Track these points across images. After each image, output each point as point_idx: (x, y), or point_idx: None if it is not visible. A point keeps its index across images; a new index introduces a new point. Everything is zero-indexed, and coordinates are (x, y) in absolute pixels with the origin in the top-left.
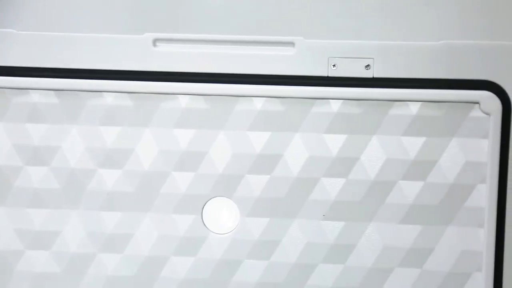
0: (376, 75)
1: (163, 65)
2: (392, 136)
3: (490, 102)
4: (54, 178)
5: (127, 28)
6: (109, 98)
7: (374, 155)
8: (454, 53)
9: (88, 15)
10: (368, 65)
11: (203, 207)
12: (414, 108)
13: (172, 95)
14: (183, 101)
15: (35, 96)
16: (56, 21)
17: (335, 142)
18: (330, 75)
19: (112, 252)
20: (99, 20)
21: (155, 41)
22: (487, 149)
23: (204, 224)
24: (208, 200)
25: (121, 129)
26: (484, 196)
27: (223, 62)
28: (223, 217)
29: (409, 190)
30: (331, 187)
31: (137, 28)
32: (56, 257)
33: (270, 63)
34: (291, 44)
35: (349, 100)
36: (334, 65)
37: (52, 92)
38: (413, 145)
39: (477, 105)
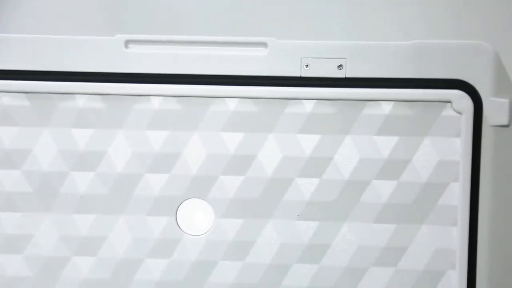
0: (348, 75)
1: (135, 66)
2: (366, 136)
3: (462, 101)
4: (26, 181)
5: (98, 29)
6: (81, 101)
7: (347, 155)
8: (426, 52)
9: (59, 16)
10: (340, 65)
11: (177, 209)
12: (386, 107)
13: (145, 97)
14: (156, 102)
15: (5, 99)
16: (26, 23)
17: (308, 142)
18: (303, 75)
19: (86, 255)
20: (70, 22)
21: (127, 43)
22: (459, 147)
23: (179, 226)
24: (182, 202)
25: (94, 131)
26: (457, 194)
27: (195, 63)
28: (198, 218)
29: (383, 189)
30: (305, 187)
31: (109, 30)
32: (29, 261)
33: (243, 64)
34: (264, 44)
35: (322, 100)
36: (307, 65)
37: (23, 94)
38: (386, 144)
39: (449, 104)
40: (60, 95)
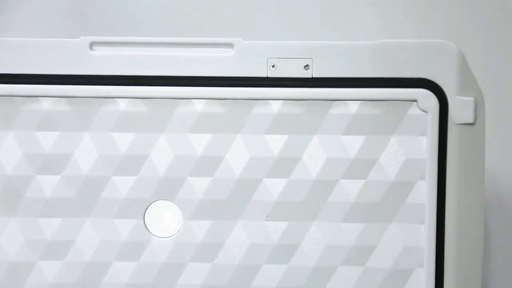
0: (315, 75)
1: (101, 68)
2: (333, 135)
3: (427, 99)
4: None
5: (63, 31)
6: (45, 103)
7: (315, 155)
8: (391, 52)
9: (23, 18)
10: (307, 65)
11: (145, 211)
12: (353, 107)
13: (111, 99)
14: (122, 104)
15: None
16: None
17: (276, 143)
18: (269, 75)
19: (53, 259)
20: (34, 24)
21: (91, 45)
22: (425, 146)
23: (147, 228)
24: (150, 204)
25: (59, 134)
26: (424, 192)
27: (161, 65)
28: (166, 220)
29: (350, 189)
30: (274, 188)
31: (73, 32)
32: None
33: (209, 65)
34: (230, 45)
35: (289, 100)
36: (273, 66)
37: None
38: (353, 143)
39: (414, 103)
40: (24, 98)
